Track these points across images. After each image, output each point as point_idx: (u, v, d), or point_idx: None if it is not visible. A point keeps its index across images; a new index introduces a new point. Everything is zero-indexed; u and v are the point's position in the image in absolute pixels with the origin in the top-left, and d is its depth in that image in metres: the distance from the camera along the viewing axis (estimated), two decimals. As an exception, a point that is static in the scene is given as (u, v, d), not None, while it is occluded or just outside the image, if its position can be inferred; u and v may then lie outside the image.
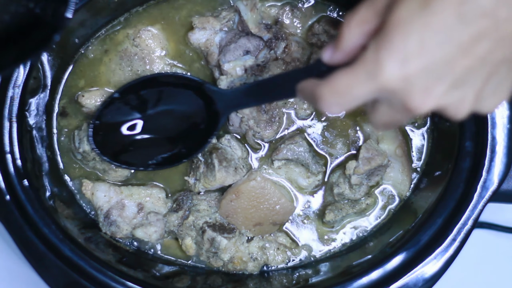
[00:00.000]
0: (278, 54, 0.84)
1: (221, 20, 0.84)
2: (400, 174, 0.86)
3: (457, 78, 0.51)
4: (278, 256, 0.86)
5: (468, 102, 0.53)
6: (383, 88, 0.52)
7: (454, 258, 0.77)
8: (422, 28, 0.50)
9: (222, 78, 0.82)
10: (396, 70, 0.50)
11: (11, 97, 0.77)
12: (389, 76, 0.51)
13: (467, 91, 0.52)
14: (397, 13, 0.51)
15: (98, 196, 0.84)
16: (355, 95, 0.53)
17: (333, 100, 0.55)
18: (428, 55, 0.50)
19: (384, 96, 0.53)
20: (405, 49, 0.50)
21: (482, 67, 0.51)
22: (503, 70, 0.53)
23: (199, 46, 0.84)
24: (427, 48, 0.50)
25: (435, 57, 0.50)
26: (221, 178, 0.82)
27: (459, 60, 0.50)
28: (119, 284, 0.78)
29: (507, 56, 0.52)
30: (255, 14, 0.84)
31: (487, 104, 0.55)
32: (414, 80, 0.51)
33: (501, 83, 0.54)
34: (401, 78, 0.51)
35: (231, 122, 0.84)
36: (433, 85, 0.51)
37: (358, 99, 0.54)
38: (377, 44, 0.51)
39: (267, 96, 0.74)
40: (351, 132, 0.87)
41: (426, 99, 0.52)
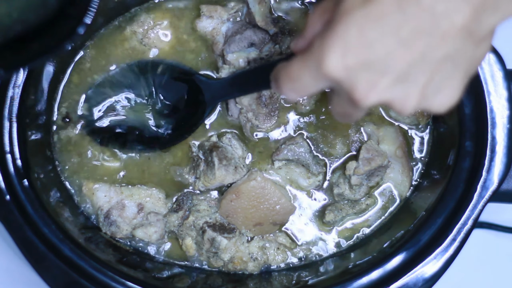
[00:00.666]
0: (283, 49, 0.84)
1: (229, 10, 0.85)
2: (400, 175, 0.86)
3: (399, 73, 0.51)
4: (278, 256, 0.86)
5: (413, 97, 0.53)
6: (327, 77, 0.52)
7: (454, 258, 0.77)
8: (362, 19, 0.50)
9: (224, 67, 0.83)
10: (338, 61, 0.51)
11: (11, 97, 0.77)
12: (331, 66, 0.51)
13: (411, 87, 0.52)
14: (343, 3, 0.51)
15: (98, 196, 0.84)
16: (305, 82, 0.54)
17: (287, 84, 0.56)
18: (368, 47, 0.50)
19: (333, 86, 0.54)
20: (346, 39, 0.50)
21: (424, 63, 0.51)
22: (447, 67, 0.52)
23: (205, 34, 0.85)
24: (367, 39, 0.50)
25: (376, 50, 0.50)
26: (220, 176, 0.82)
27: (400, 55, 0.50)
28: (119, 284, 0.77)
29: (450, 53, 0.51)
30: (263, 7, 0.84)
31: (436, 102, 0.54)
32: (357, 72, 0.51)
33: (446, 81, 0.53)
34: (343, 69, 0.51)
35: (230, 112, 0.84)
36: (376, 78, 0.51)
37: (308, 86, 0.55)
38: (323, 34, 0.52)
39: (250, 86, 0.76)
40: (351, 132, 0.87)
41: (370, 92, 0.52)
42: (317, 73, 0.53)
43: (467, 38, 0.51)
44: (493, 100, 0.77)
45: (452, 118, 0.81)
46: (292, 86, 0.56)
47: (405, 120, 0.86)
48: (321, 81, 0.54)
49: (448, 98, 0.55)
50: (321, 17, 0.56)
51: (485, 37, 0.53)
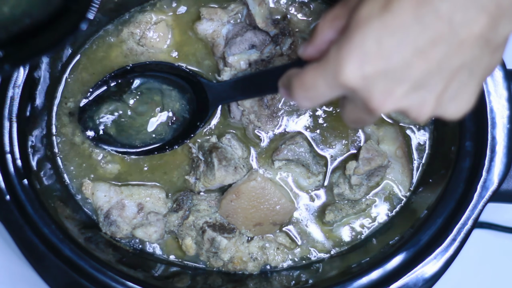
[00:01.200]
0: (283, 50, 0.84)
1: (229, 12, 0.84)
2: (400, 175, 0.86)
3: (416, 81, 0.51)
4: (278, 256, 0.86)
5: (429, 105, 0.53)
6: (343, 86, 0.52)
7: (454, 258, 0.77)
8: (380, 29, 0.50)
9: (225, 70, 0.83)
10: (355, 70, 0.51)
11: (11, 97, 0.77)
12: (349, 75, 0.51)
13: (427, 94, 0.53)
14: (359, 12, 0.51)
15: (98, 196, 0.84)
16: (320, 91, 0.54)
17: (301, 93, 0.56)
18: (386, 56, 0.50)
19: (348, 94, 0.54)
20: (364, 49, 0.50)
21: (441, 71, 0.51)
22: (463, 75, 0.53)
23: (206, 36, 0.85)
24: (385, 49, 0.50)
25: (393, 59, 0.50)
26: (220, 177, 0.82)
27: (417, 63, 0.51)
28: (119, 284, 0.78)
29: (467, 61, 0.52)
30: (263, 8, 0.84)
31: (451, 109, 0.55)
32: (373, 81, 0.51)
33: (462, 88, 0.54)
34: (360, 77, 0.51)
35: (232, 114, 0.84)
36: (392, 86, 0.52)
37: (324, 95, 0.55)
38: (339, 42, 0.52)
39: (254, 90, 0.76)
40: (351, 132, 0.87)
41: (386, 100, 0.52)
42: (333, 82, 0.53)
43: (484, 46, 0.51)
44: (493, 100, 0.77)
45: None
46: (306, 95, 0.56)
47: (405, 120, 0.86)
48: (336, 90, 0.54)
49: (462, 106, 0.55)
50: (332, 24, 0.56)
51: (501, 44, 0.53)
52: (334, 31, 0.56)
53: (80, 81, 0.86)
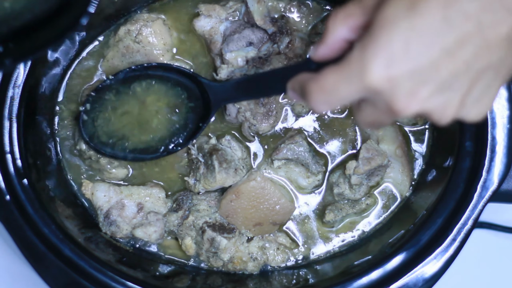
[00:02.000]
0: (281, 48, 0.84)
1: (227, 9, 0.84)
2: (400, 174, 0.86)
3: (442, 82, 0.51)
4: (278, 256, 0.86)
5: (453, 107, 0.53)
6: (368, 89, 0.51)
7: (454, 258, 0.77)
8: (407, 30, 0.50)
9: (223, 67, 0.82)
10: (381, 71, 0.50)
11: (11, 97, 0.77)
12: (374, 77, 0.51)
13: (452, 95, 0.52)
14: (384, 12, 0.51)
15: (98, 196, 0.84)
16: (341, 93, 0.53)
17: (320, 97, 0.55)
18: (413, 58, 0.50)
19: (369, 96, 0.53)
20: (391, 50, 0.50)
21: (467, 72, 0.51)
22: (489, 76, 0.53)
23: (203, 33, 0.84)
24: (412, 50, 0.50)
25: (420, 60, 0.50)
26: (221, 179, 0.82)
27: (444, 64, 0.50)
28: (119, 284, 0.78)
29: (493, 62, 0.52)
30: (262, 6, 0.84)
31: (472, 111, 0.55)
32: (399, 82, 0.51)
33: (486, 89, 0.53)
34: (386, 79, 0.50)
35: (228, 112, 0.84)
36: (418, 88, 0.51)
37: (344, 98, 0.54)
38: (363, 43, 0.51)
39: (257, 91, 0.75)
40: (351, 132, 0.87)
41: (411, 102, 0.52)
42: (357, 84, 0.52)
43: (509, 47, 0.51)
44: (493, 100, 0.77)
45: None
46: (327, 99, 0.54)
47: (403, 120, 0.86)
48: (359, 92, 0.53)
49: (484, 107, 0.55)
50: (345, 22, 0.55)
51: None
52: (347, 30, 0.55)
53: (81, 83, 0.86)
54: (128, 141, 0.82)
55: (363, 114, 0.57)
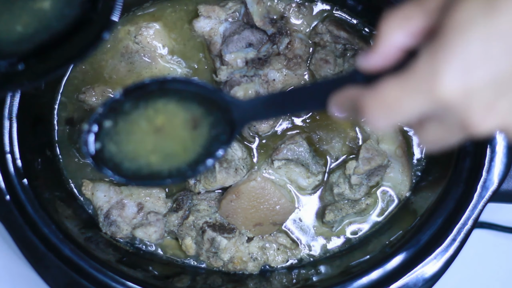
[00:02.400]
0: (280, 49, 0.84)
1: (226, 10, 0.84)
2: (400, 174, 0.86)
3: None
4: (278, 256, 0.86)
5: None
6: (439, 102, 0.45)
7: (454, 258, 0.77)
8: (487, 33, 0.44)
9: (222, 68, 0.82)
10: (456, 82, 0.44)
11: (11, 97, 0.77)
12: (448, 89, 0.44)
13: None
14: (457, 14, 0.44)
15: (98, 196, 0.84)
16: (406, 109, 0.47)
17: (380, 113, 0.48)
18: (493, 65, 0.44)
19: (439, 111, 0.47)
20: (467, 57, 0.44)
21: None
22: None
23: (203, 34, 0.84)
24: (493, 56, 0.44)
25: (501, 67, 0.44)
26: (221, 179, 0.82)
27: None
28: (119, 284, 0.77)
29: None
30: (261, 7, 0.84)
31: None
32: (476, 94, 0.45)
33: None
34: (462, 91, 0.44)
35: None
36: (497, 99, 0.45)
37: (409, 114, 0.47)
38: (433, 51, 0.45)
39: (292, 107, 0.64)
40: (350, 132, 0.87)
41: (489, 115, 0.45)
42: (426, 98, 0.45)
43: None
44: (493, 100, 0.77)
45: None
46: (387, 114, 0.48)
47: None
48: (428, 106, 0.46)
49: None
50: (402, 26, 0.48)
51: None
52: (405, 35, 0.48)
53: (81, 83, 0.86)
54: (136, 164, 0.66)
55: (428, 132, 0.50)
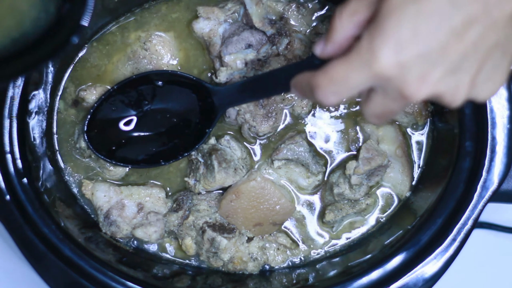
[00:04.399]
0: (280, 50, 0.84)
1: (226, 11, 0.84)
2: (400, 175, 0.86)
3: (452, 64, 0.52)
4: (278, 256, 0.86)
5: (464, 88, 0.54)
6: (378, 76, 0.52)
7: (454, 258, 0.77)
8: (415, 15, 0.50)
9: (222, 70, 0.82)
10: (391, 58, 0.51)
11: (11, 97, 0.77)
12: (384, 64, 0.51)
13: (462, 77, 0.53)
14: (390, 0, 0.51)
15: (98, 196, 0.84)
16: (351, 83, 0.54)
17: (329, 88, 0.55)
18: (422, 42, 0.51)
19: (380, 84, 0.54)
20: (399, 36, 0.51)
21: (476, 52, 0.52)
22: (497, 55, 0.53)
23: (202, 35, 0.84)
24: (421, 34, 0.50)
25: (429, 44, 0.51)
26: (221, 179, 0.82)
27: (453, 46, 0.51)
28: (119, 284, 0.78)
29: (500, 41, 0.52)
30: (260, 8, 0.84)
31: (483, 91, 0.55)
32: (409, 67, 0.51)
33: (495, 68, 0.54)
34: (396, 65, 0.51)
35: (227, 114, 0.84)
36: (428, 71, 0.52)
37: (354, 87, 0.54)
38: (371, 32, 0.52)
39: (261, 92, 0.76)
40: (351, 132, 0.87)
41: (422, 85, 0.52)
42: (367, 72, 0.53)
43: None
44: (493, 100, 0.77)
45: (452, 118, 0.81)
46: (336, 89, 0.55)
47: (403, 120, 0.86)
48: (369, 80, 0.53)
49: (495, 86, 0.55)
50: (351, 19, 0.56)
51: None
52: (354, 26, 0.56)
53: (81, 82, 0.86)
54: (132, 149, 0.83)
55: (372, 105, 0.57)
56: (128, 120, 0.82)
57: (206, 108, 0.82)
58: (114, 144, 0.82)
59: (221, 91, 0.81)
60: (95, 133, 0.82)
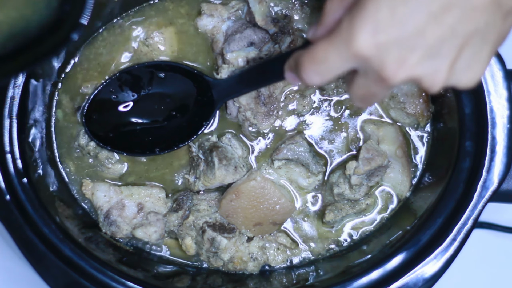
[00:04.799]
0: (282, 48, 0.84)
1: (229, 9, 0.85)
2: (400, 175, 0.86)
3: (430, 47, 0.52)
4: (278, 256, 0.86)
5: (443, 73, 0.53)
6: (357, 56, 0.53)
7: (454, 258, 0.77)
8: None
9: (223, 67, 0.83)
10: (369, 39, 0.51)
11: (11, 97, 0.77)
12: (362, 45, 0.52)
13: (441, 61, 0.53)
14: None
15: (98, 196, 0.84)
16: (332, 63, 0.54)
17: (312, 68, 0.56)
18: (399, 24, 0.51)
19: (360, 65, 0.54)
20: (377, 18, 0.51)
21: (454, 37, 0.52)
22: (476, 41, 0.53)
23: (206, 32, 0.85)
24: (398, 17, 0.50)
25: (406, 26, 0.51)
26: (220, 176, 0.82)
27: (430, 29, 0.51)
28: (119, 284, 0.78)
29: (480, 27, 0.52)
30: (263, 6, 0.84)
31: (464, 78, 0.55)
32: (387, 49, 0.52)
33: (475, 55, 0.54)
34: (374, 46, 0.52)
35: (229, 111, 0.85)
36: (406, 54, 0.52)
37: (335, 68, 0.55)
38: (351, 14, 0.53)
39: (258, 81, 0.77)
40: (351, 132, 0.87)
41: (400, 68, 0.52)
42: (346, 52, 0.53)
43: (496, 11, 0.52)
44: (493, 100, 0.77)
45: (452, 118, 0.81)
46: (318, 69, 0.56)
47: (405, 121, 0.86)
48: (349, 61, 0.54)
49: (476, 73, 0.55)
50: (341, 3, 0.56)
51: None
52: (343, 10, 0.56)
53: (82, 79, 0.86)
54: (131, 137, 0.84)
55: (355, 86, 0.58)
56: (126, 107, 0.83)
57: (204, 101, 0.83)
58: (111, 131, 0.84)
59: (220, 84, 0.82)
60: (93, 119, 0.83)
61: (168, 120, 0.84)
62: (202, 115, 0.83)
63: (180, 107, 0.84)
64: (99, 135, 0.84)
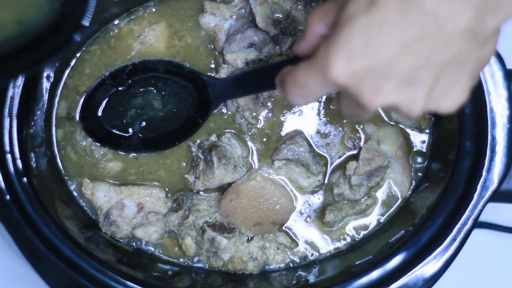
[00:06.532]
0: (283, 50, 0.84)
1: (231, 8, 0.85)
2: (400, 175, 0.86)
3: (404, 76, 0.52)
4: (278, 256, 0.86)
5: (420, 100, 0.53)
6: (334, 84, 0.53)
7: (454, 258, 0.77)
8: (366, 26, 0.50)
9: (223, 67, 0.83)
10: (344, 67, 0.52)
11: (11, 96, 0.77)
12: (338, 73, 0.52)
13: (417, 89, 0.53)
14: (347, 10, 0.52)
15: (98, 196, 0.84)
16: (313, 87, 0.55)
17: (294, 91, 0.57)
18: (373, 53, 0.51)
19: (340, 90, 0.55)
20: (351, 46, 0.51)
21: (429, 66, 0.52)
22: (453, 69, 0.53)
23: (208, 30, 0.85)
24: (372, 46, 0.51)
25: (380, 55, 0.51)
26: (220, 175, 0.82)
27: (404, 58, 0.51)
28: (119, 284, 0.78)
29: (455, 55, 0.52)
30: (264, 8, 0.84)
31: (444, 103, 0.55)
32: (362, 77, 0.52)
33: (453, 83, 0.54)
34: (349, 75, 0.52)
35: (227, 110, 0.85)
36: (381, 82, 0.52)
37: (316, 92, 0.55)
38: (327, 41, 0.53)
39: (254, 87, 0.77)
40: (351, 132, 0.87)
41: (376, 96, 0.53)
42: (323, 79, 0.53)
43: (471, 40, 0.51)
44: (493, 100, 0.77)
45: (452, 118, 0.81)
46: (299, 92, 0.57)
47: (407, 123, 0.86)
48: (327, 87, 0.54)
49: (455, 100, 0.55)
50: (321, 19, 0.57)
51: (490, 37, 0.53)
52: (324, 26, 0.56)
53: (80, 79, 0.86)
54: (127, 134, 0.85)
55: (341, 106, 0.59)
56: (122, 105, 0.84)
57: (201, 100, 0.83)
58: (107, 128, 0.84)
59: (216, 84, 0.82)
60: (90, 117, 0.84)
61: (164, 118, 0.84)
62: (198, 114, 0.84)
63: (176, 105, 0.84)
64: (96, 132, 0.84)
